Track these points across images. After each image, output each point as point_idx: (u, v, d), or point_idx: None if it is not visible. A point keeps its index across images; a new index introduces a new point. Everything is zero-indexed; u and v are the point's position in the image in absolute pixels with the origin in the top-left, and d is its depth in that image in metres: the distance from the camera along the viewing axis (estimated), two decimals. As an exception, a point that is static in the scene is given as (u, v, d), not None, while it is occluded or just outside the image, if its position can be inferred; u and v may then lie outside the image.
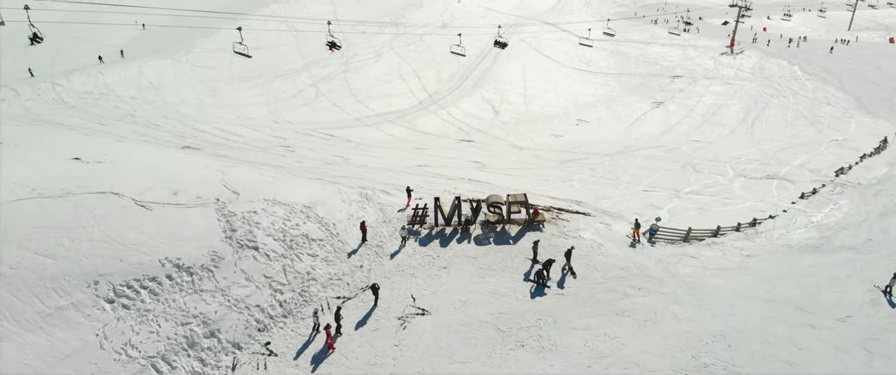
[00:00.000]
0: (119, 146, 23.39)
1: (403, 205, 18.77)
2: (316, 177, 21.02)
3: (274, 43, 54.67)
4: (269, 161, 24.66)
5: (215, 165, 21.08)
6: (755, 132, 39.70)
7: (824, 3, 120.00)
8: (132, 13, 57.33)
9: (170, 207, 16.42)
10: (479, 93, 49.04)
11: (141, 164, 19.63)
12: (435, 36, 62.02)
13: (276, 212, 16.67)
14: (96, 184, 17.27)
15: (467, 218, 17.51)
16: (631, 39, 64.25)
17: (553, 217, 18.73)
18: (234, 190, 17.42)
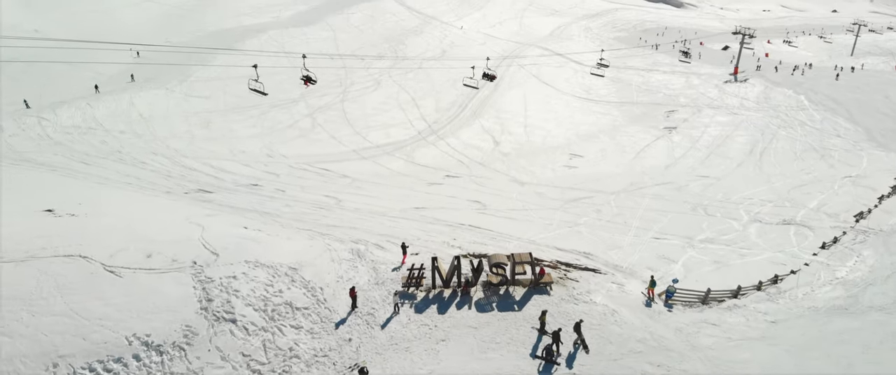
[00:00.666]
0: (98, 192, 21.91)
1: (398, 263, 17.22)
2: (304, 228, 19.48)
3: (271, 71, 53.44)
4: (256, 205, 23.14)
5: (197, 215, 19.57)
6: (763, 165, 38.25)
7: (824, 27, 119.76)
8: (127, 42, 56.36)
9: (142, 273, 14.85)
10: (479, 123, 47.72)
11: (116, 218, 18.10)
12: (434, 63, 60.96)
13: (258, 277, 15.11)
14: (64, 244, 15.73)
15: (468, 280, 15.96)
16: (632, 66, 63.17)
17: (561, 276, 17.16)
18: (213, 251, 15.87)
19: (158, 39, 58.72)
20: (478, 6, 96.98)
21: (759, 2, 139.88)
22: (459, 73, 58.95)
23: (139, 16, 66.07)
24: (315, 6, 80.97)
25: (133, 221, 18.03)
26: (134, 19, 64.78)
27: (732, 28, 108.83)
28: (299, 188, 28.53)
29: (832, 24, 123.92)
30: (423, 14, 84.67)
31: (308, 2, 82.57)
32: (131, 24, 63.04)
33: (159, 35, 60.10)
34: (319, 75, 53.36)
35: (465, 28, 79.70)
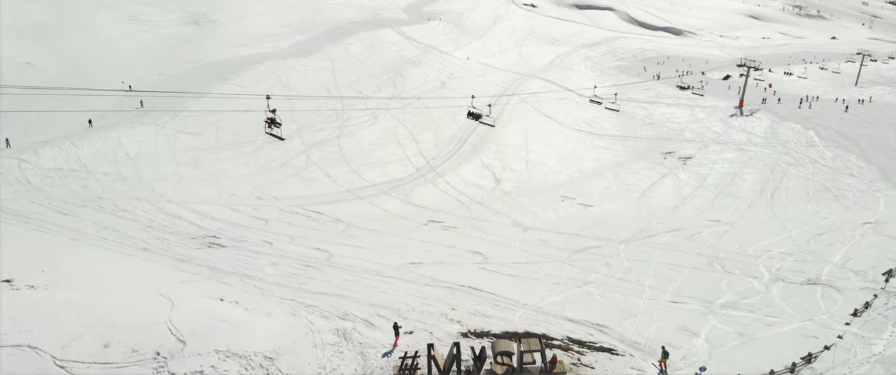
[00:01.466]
0: (67, 252, 20.01)
1: (390, 346, 15.25)
2: (287, 298, 17.54)
3: (264, 104, 51.88)
4: (239, 264, 21.22)
5: (171, 282, 17.65)
6: (776, 207, 36.44)
7: (823, 54, 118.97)
8: (121, 74, 54.91)
9: (96, 367, 12.90)
10: (479, 159, 46.00)
11: (79, 291, 16.17)
12: (433, 95, 59.50)
13: (229, 370, 13.15)
14: (14, 330, 13.77)
15: (469, 371, 14.00)
16: (635, 98, 61.71)
17: (574, 362, 15.17)
18: (180, 337, 13.92)
19: (152, 71, 57.40)
20: (477, 35, 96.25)
21: (758, 29, 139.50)
22: (459, 105, 57.53)
23: (135, 46, 64.81)
24: (313, 36, 79.97)
25: (97, 294, 16.11)
26: (129, 49, 63.51)
27: (732, 56, 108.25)
28: (288, 238, 26.63)
29: (831, 52, 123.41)
30: (422, 44, 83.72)
31: (307, 31, 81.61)
32: (126, 54, 61.73)
33: (154, 67, 58.77)
34: (316, 105, 52.05)
35: (470, 58, 78.64)
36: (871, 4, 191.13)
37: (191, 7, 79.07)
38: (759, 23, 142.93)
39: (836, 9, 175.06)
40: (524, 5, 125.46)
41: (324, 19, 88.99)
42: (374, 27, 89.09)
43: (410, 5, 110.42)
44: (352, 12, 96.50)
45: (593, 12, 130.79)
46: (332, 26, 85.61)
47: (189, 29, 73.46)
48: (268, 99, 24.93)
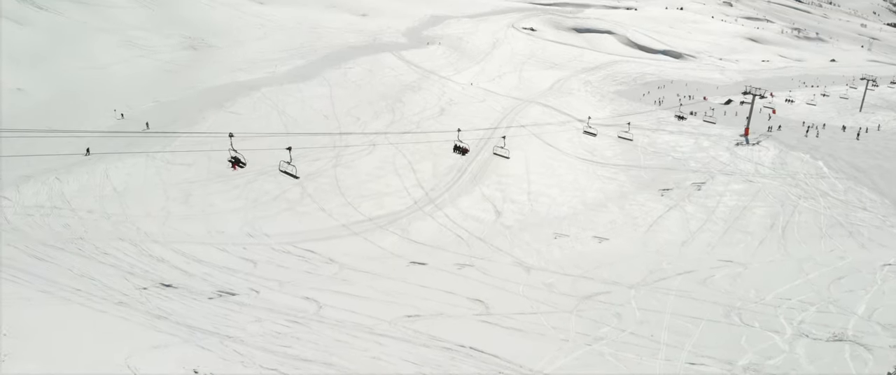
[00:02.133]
0: (34, 311, 18.30)
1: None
2: (269, 367, 15.80)
3: (260, 132, 50.54)
4: (220, 321, 19.49)
5: (141, 348, 15.93)
6: (788, 243, 34.80)
7: (823, 76, 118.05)
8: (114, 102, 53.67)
9: None
10: (480, 190, 44.44)
11: (38, 361, 14.46)
12: (433, 122, 58.16)
13: None
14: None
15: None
16: (637, 125, 60.35)
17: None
18: (141, 426, 12.19)
19: (147, 98, 56.13)
20: (477, 60, 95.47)
21: (757, 52, 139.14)
22: (458, 133, 56.08)
23: (130, 71, 63.63)
24: (312, 61, 79.07)
25: (59, 365, 14.40)
26: (125, 75, 62.32)
27: (732, 79, 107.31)
28: (276, 284, 24.90)
29: (832, 74, 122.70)
30: (422, 68, 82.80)
31: (305, 56, 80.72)
32: (121, 80, 60.52)
33: (149, 93, 57.53)
34: (313, 133, 50.58)
35: (473, 84, 77.60)
36: (869, 26, 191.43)
37: (188, 32, 78.25)
38: (758, 45, 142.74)
39: (834, 31, 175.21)
40: (524, 29, 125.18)
41: (323, 44, 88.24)
42: (374, 51, 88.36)
43: (410, 29, 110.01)
44: (351, 36, 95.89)
45: (593, 36, 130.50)
46: (331, 51, 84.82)
47: (186, 54, 72.48)
48: (231, 137, 23.30)
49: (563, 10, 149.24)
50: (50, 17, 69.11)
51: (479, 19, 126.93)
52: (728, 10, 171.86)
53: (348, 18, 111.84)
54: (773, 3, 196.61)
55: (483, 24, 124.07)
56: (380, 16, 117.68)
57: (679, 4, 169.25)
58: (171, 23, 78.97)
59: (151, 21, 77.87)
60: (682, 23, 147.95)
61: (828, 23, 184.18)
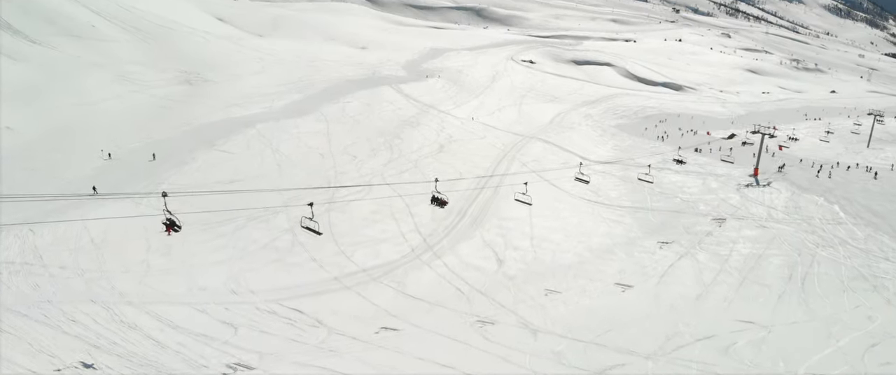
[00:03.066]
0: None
1: None
2: None
3: (253, 173, 48.48)
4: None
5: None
6: (809, 298, 32.33)
7: (824, 108, 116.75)
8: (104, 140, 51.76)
9: None
10: (480, 235, 42.11)
11: None
12: (431, 160, 56.13)
13: None
14: None
15: None
16: (642, 163, 58.30)
17: None
18: None
19: (137, 137, 54.15)
20: (476, 93, 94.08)
21: (757, 83, 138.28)
22: (459, 172, 54.10)
23: (123, 108, 61.82)
24: (310, 95, 77.53)
25: None
26: (117, 111, 60.47)
27: (734, 112, 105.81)
28: (256, 357, 22.41)
29: (833, 106, 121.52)
30: (421, 102, 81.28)
31: (303, 90, 79.21)
32: (113, 117, 58.62)
33: (140, 131, 55.58)
34: (307, 173, 48.46)
35: (474, 119, 76.01)
36: (867, 57, 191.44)
37: (185, 66, 76.84)
38: (757, 77, 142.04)
39: (833, 62, 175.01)
40: (523, 61, 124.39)
41: (321, 77, 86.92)
42: (373, 85, 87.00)
43: (409, 62, 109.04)
44: (350, 70, 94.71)
45: (592, 68, 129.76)
46: (330, 85, 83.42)
47: (181, 89, 70.87)
48: (164, 197, 21.08)
49: (561, 43, 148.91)
50: (43, 51, 67.68)
51: (479, 52, 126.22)
52: (726, 42, 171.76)
53: (347, 51, 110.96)
54: (771, 35, 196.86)
55: (482, 57, 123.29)
56: (379, 49, 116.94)
57: (678, 36, 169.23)
58: (168, 57, 77.64)
59: (147, 55, 76.52)
60: (680, 55, 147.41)
61: (826, 54, 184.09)
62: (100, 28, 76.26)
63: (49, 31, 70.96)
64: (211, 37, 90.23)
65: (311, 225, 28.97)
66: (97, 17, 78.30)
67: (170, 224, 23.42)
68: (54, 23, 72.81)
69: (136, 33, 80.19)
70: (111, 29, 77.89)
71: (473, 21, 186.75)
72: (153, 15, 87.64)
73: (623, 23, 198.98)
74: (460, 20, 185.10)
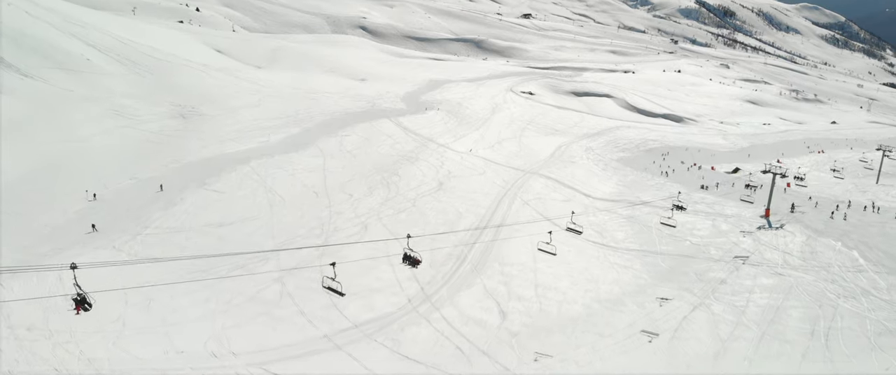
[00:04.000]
0: None
1: None
2: None
3: (245, 215, 46.18)
4: None
5: None
6: (835, 357, 29.94)
7: (826, 140, 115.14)
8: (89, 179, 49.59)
9: None
10: (481, 282, 39.61)
11: None
12: (430, 198, 53.93)
13: None
14: None
15: None
16: (647, 202, 56.13)
17: None
18: None
19: (125, 175, 52.00)
20: (476, 126, 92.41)
21: (757, 114, 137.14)
22: (458, 212, 51.84)
23: (113, 143, 59.69)
24: (308, 128, 75.76)
25: None
26: (107, 147, 58.30)
27: (736, 144, 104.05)
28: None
29: (835, 137, 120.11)
30: (420, 136, 79.49)
31: (301, 123, 77.47)
32: (102, 154, 56.42)
33: (128, 168, 53.41)
34: (301, 214, 46.11)
35: (472, 150, 74.21)
36: (865, 86, 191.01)
37: (180, 99, 75.09)
38: (758, 108, 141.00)
39: (832, 92, 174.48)
40: (522, 93, 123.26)
41: (319, 110, 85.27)
42: (371, 118, 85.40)
43: (408, 94, 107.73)
44: (348, 102, 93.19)
45: (592, 99, 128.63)
46: (328, 118, 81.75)
47: (175, 123, 68.94)
48: (73, 269, 18.58)
49: (560, 74, 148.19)
50: (34, 85, 65.88)
51: (478, 83, 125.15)
52: (725, 73, 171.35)
53: (346, 83, 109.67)
54: (770, 65, 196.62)
55: (482, 88, 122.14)
56: (378, 81, 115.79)
57: (676, 67, 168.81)
58: (162, 90, 75.94)
59: (142, 89, 74.81)
60: (680, 86, 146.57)
61: (825, 84, 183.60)
62: (94, 61, 74.72)
63: (42, 64, 69.30)
64: (208, 69, 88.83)
65: (333, 286, 27.36)
66: (92, 50, 76.84)
67: (79, 301, 20.55)
68: (48, 56, 71.24)
69: (131, 66, 78.65)
70: (106, 62, 76.37)
71: (473, 52, 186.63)
72: (150, 48, 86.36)
73: (622, 54, 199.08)
74: (460, 52, 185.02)
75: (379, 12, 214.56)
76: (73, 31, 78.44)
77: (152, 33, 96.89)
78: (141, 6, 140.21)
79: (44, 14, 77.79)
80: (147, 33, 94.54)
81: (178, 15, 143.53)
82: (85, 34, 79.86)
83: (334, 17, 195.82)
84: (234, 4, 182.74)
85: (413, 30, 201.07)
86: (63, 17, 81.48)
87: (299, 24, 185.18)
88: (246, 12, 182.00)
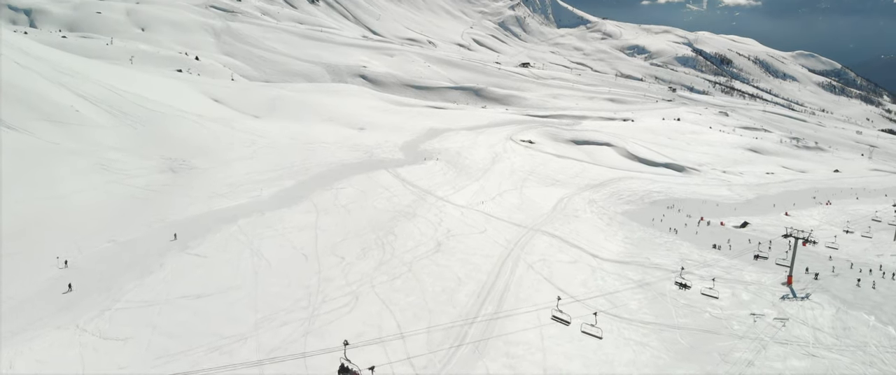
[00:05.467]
0: None
1: None
2: None
3: (227, 284, 42.21)
4: None
5: None
6: None
7: (831, 189, 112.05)
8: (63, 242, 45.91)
9: None
10: (484, 365, 35.40)
11: None
12: (427, 262, 50.12)
13: None
14: None
15: None
16: (659, 265, 52.40)
17: None
18: None
19: (103, 237, 48.34)
20: (475, 177, 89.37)
21: (759, 163, 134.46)
22: (457, 277, 47.99)
23: (96, 201, 56.28)
24: (303, 181, 72.63)
25: None
26: (87, 206, 54.86)
27: (742, 196, 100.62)
28: None
29: (839, 187, 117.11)
30: (418, 187, 76.27)
31: (296, 175, 74.37)
32: (81, 213, 52.94)
33: (107, 230, 49.81)
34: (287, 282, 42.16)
35: (472, 207, 70.64)
36: (864, 134, 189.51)
37: (171, 152, 72.15)
38: (759, 156, 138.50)
39: (832, 139, 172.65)
40: (522, 141, 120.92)
41: (316, 161, 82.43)
42: (369, 169, 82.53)
43: (407, 144, 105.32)
44: (346, 153, 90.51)
45: (592, 148, 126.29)
46: (324, 169, 78.83)
47: (164, 177, 65.76)
48: None
49: (560, 123, 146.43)
50: (19, 138, 62.88)
51: (478, 132, 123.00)
52: (725, 121, 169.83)
53: (345, 133, 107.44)
54: (769, 112, 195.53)
55: (481, 137, 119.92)
56: (377, 129, 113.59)
57: (676, 115, 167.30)
58: (154, 142, 73.11)
59: (132, 141, 71.96)
60: (680, 134, 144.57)
61: (824, 131, 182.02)
62: (83, 112, 72.07)
63: (28, 116, 66.57)
64: (203, 120, 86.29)
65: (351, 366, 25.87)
66: (82, 101, 74.33)
67: None
68: (35, 108, 68.57)
69: (122, 117, 76.02)
70: (96, 113, 73.74)
71: (472, 100, 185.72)
72: (143, 98, 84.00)
73: (620, 102, 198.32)
74: (459, 100, 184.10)
75: (379, 61, 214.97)
76: (63, 81, 76.11)
77: (147, 82, 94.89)
78: (139, 55, 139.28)
79: (33, 63, 75.61)
80: (141, 82, 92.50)
81: (178, 64, 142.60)
82: (75, 84, 77.54)
83: (335, 66, 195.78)
84: (235, 53, 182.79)
85: (413, 78, 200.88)
86: (53, 66, 79.36)
87: (300, 73, 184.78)
88: (246, 61, 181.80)
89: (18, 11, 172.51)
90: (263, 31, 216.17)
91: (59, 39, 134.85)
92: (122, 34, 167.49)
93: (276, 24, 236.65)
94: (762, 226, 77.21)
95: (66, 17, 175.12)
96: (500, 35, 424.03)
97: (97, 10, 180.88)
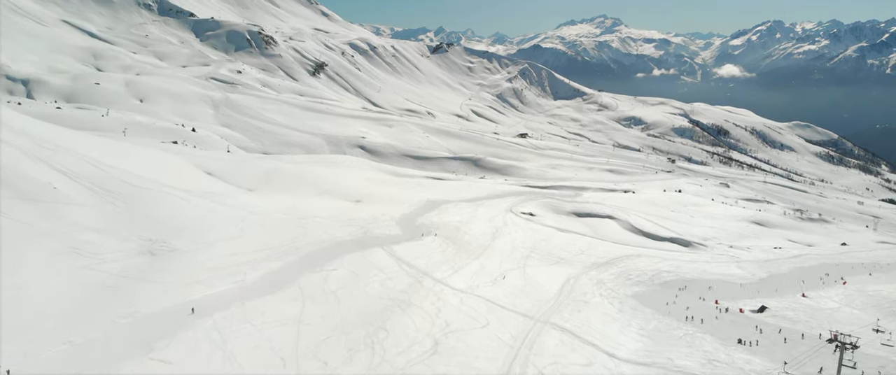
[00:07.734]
0: None
1: None
2: None
3: None
4: None
5: None
6: None
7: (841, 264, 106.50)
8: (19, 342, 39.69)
9: None
10: None
11: None
12: (423, 368, 43.89)
13: None
14: None
15: None
16: (682, 367, 46.16)
17: None
18: None
19: (59, 338, 42.19)
20: (475, 254, 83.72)
21: (765, 237, 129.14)
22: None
23: (59, 291, 50.34)
24: (291, 262, 66.84)
25: None
26: (49, 297, 48.86)
27: (753, 274, 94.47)
28: None
29: (849, 262, 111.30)
30: (415, 268, 70.56)
31: (284, 256, 68.60)
32: (40, 306, 46.89)
33: (64, 328, 43.67)
34: None
35: (472, 291, 64.64)
36: (866, 204, 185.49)
37: (151, 232, 66.72)
38: (764, 230, 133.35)
39: (834, 210, 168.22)
40: (523, 213, 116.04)
41: (307, 240, 76.85)
42: (363, 247, 77.01)
43: (404, 217, 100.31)
44: (340, 229, 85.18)
45: (594, 220, 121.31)
46: (315, 248, 73.23)
47: (141, 261, 60.00)
48: None
49: (560, 194, 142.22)
50: (-13, 220, 57.55)
51: (477, 204, 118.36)
52: (726, 192, 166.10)
53: (341, 205, 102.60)
54: (769, 184, 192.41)
55: (481, 209, 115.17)
56: (374, 202, 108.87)
57: (676, 187, 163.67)
58: (134, 222, 67.83)
59: (111, 220, 66.71)
60: (683, 206, 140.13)
61: (826, 202, 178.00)
62: (61, 189, 67.16)
63: (1, 195, 61.55)
64: (190, 196, 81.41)
65: None
66: (61, 177, 69.60)
67: None
68: (10, 186, 63.63)
69: (104, 195, 71.11)
70: (75, 190, 68.86)
71: (471, 171, 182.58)
72: (128, 173, 79.47)
73: (620, 173, 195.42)
74: (458, 170, 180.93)
75: (378, 132, 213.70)
76: (43, 156, 71.74)
77: (136, 156, 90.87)
78: (135, 127, 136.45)
79: (12, 138, 71.45)
80: (129, 156, 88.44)
81: (174, 135, 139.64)
82: (56, 159, 73.13)
83: (333, 137, 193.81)
84: (234, 125, 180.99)
85: (411, 148, 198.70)
86: (34, 139, 75.30)
87: (298, 144, 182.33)
88: (245, 132, 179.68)
89: (16, 82, 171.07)
90: (263, 103, 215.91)
91: (52, 110, 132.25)
92: (119, 105, 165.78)
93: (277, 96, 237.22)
94: (781, 311, 71.32)
95: (65, 88, 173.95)
96: (498, 106, 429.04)
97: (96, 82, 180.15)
